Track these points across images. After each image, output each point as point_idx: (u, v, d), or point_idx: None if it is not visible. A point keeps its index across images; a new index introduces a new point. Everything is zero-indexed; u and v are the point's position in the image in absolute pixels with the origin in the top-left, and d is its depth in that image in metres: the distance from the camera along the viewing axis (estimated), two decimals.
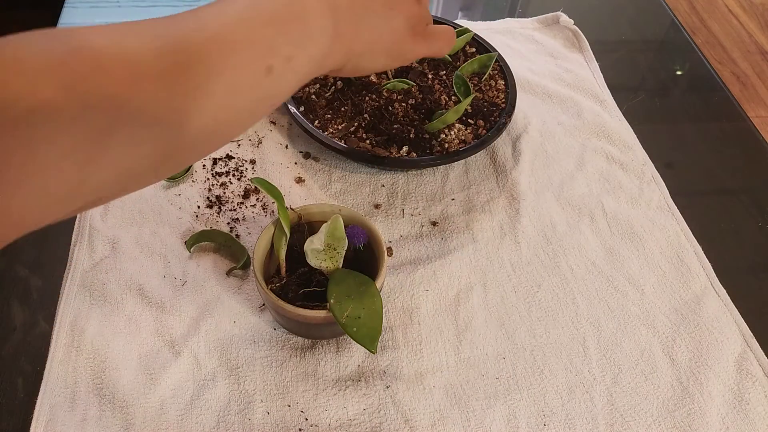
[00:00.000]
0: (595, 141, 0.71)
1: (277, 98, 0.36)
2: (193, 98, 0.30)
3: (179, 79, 0.30)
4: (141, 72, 0.28)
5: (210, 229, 0.58)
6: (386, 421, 0.48)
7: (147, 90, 0.29)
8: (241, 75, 0.32)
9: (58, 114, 0.26)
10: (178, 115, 0.30)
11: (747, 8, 2.10)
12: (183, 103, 0.30)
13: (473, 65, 0.69)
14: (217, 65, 0.31)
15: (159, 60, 0.29)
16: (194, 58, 0.30)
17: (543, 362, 0.53)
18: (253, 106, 0.35)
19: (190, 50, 0.30)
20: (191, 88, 0.30)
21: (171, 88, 0.29)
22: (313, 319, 0.47)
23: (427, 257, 0.59)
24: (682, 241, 0.62)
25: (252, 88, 0.34)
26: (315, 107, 0.65)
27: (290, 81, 0.36)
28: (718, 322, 0.56)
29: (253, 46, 0.33)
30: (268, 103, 0.36)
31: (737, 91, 1.78)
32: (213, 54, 0.31)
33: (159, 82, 0.29)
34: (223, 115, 0.33)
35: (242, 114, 0.34)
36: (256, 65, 0.33)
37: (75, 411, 0.47)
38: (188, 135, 0.31)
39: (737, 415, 0.50)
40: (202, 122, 0.31)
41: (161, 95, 0.29)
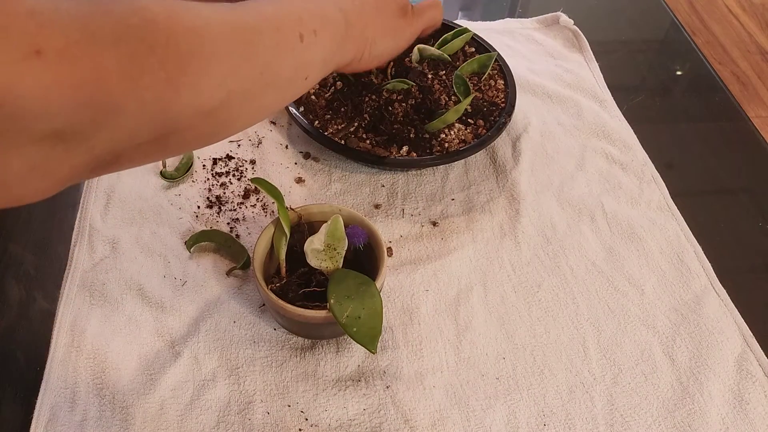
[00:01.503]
0: (595, 141, 0.71)
1: (310, 68, 0.40)
2: (251, 47, 0.35)
3: (239, 33, 0.34)
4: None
5: (210, 229, 0.58)
6: (386, 421, 0.48)
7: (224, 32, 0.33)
8: (280, 36, 0.37)
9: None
10: (241, 61, 0.34)
11: (747, 8, 2.10)
12: (245, 50, 0.34)
13: (473, 65, 0.69)
14: (260, 25, 0.36)
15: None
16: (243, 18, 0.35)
17: (543, 362, 0.53)
18: (291, 74, 0.39)
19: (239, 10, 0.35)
20: (248, 40, 0.34)
21: (235, 38, 0.33)
22: (313, 319, 0.47)
23: (427, 257, 0.59)
24: (682, 241, 0.62)
25: (291, 50, 0.38)
26: (315, 107, 0.65)
27: (318, 54, 0.41)
28: (718, 322, 0.56)
29: (288, 16, 0.38)
30: (302, 73, 0.40)
31: (737, 91, 1.78)
32: (257, 16, 0.36)
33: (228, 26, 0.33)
34: (269, 74, 0.36)
35: (282, 79, 0.38)
36: (290, 31, 0.38)
37: (75, 411, 0.47)
38: (249, 85, 0.35)
39: (737, 415, 0.50)
40: (255, 72, 0.35)
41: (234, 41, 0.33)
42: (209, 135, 0.35)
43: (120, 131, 0.28)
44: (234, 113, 0.35)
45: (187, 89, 0.30)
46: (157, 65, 0.28)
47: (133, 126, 0.28)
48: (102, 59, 0.26)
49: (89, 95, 0.25)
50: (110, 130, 0.27)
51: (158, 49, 0.28)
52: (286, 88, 0.40)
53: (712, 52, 1.89)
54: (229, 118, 0.35)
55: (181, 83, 0.29)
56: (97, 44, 0.26)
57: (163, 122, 0.30)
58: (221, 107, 0.33)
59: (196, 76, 0.30)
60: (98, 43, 0.26)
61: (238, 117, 0.36)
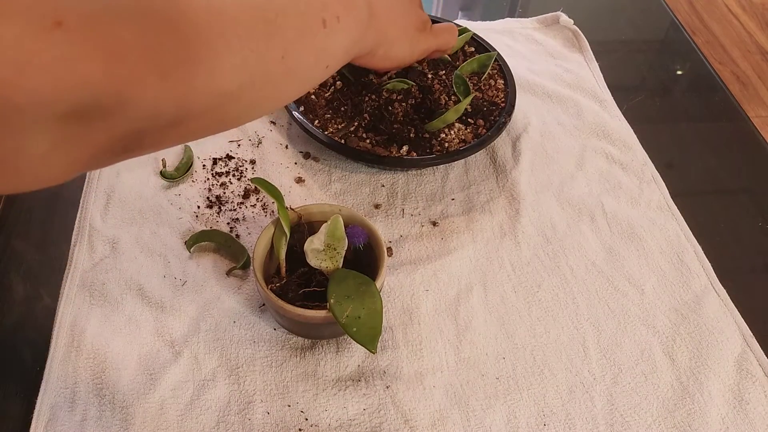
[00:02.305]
0: (595, 141, 0.71)
1: (331, 56, 0.40)
2: (273, 28, 0.34)
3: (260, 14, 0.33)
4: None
5: (210, 229, 0.58)
6: (386, 421, 0.48)
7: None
8: (303, 20, 0.36)
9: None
10: (265, 43, 0.33)
11: (747, 8, 2.10)
12: (268, 31, 0.34)
13: (472, 65, 0.69)
14: (285, 6, 0.35)
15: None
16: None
17: (543, 362, 0.53)
18: (312, 61, 0.38)
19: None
20: (271, 21, 0.34)
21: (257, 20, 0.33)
22: (313, 319, 0.47)
23: (427, 257, 0.59)
24: (682, 241, 0.62)
25: (313, 35, 0.37)
26: (315, 107, 0.65)
27: (340, 42, 0.41)
28: (718, 322, 0.56)
29: (311, 1, 0.37)
30: (323, 61, 0.40)
31: (737, 91, 1.77)
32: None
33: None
34: (291, 59, 0.36)
35: (303, 65, 0.37)
36: (314, 16, 0.38)
37: (75, 411, 0.47)
38: (271, 68, 0.34)
39: (737, 415, 0.50)
40: (277, 55, 0.35)
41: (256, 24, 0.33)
42: (231, 119, 0.34)
43: (140, 110, 0.27)
44: (255, 97, 0.34)
45: (208, 69, 0.29)
46: (179, 43, 0.28)
47: (154, 105, 0.28)
48: (124, 33, 0.25)
49: (110, 70, 0.25)
50: (131, 108, 0.27)
51: (180, 26, 0.28)
52: (307, 76, 0.39)
53: (712, 52, 1.89)
54: (250, 102, 0.34)
55: (202, 62, 0.29)
56: (119, 19, 0.25)
57: (185, 103, 0.29)
58: (243, 90, 0.32)
59: (217, 55, 0.30)
60: (120, 18, 0.25)
61: (258, 102, 0.35)
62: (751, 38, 1.94)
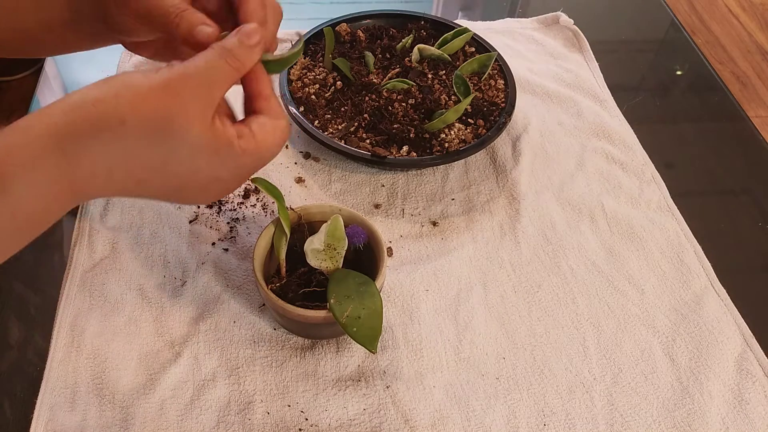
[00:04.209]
0: (595, 141, 0.71)
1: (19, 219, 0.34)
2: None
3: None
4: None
5: None
6: (386, 421, 0.48)
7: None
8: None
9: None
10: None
11: (747, 8, 2.09)
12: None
13: (473, 65, 0.69)
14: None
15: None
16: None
17: (543, 362, 0.52)
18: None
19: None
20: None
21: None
22: (313, 319, 0.47)
23: (427, 257, 0.59)
24: (682, 241, 0.62)
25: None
26: (315, 107, 0.65)
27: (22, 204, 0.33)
28: (718, 322, 0.56)
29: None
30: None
31: (737, 91, 1.77)
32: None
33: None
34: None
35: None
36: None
37: (75, 411, 0.47)
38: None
39: (737, 415, 0.50)
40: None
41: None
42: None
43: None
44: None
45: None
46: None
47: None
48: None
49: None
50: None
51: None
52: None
53: (712, 52, 1.89)
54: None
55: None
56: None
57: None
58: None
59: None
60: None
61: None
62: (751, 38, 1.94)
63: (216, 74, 0.37)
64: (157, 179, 0.36)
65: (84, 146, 0.34)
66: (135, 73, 0.36)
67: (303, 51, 0.72)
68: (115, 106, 0.34)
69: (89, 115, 0.34)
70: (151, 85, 0.35)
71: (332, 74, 0.69)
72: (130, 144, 0.34)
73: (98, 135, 0.34)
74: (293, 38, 0.78)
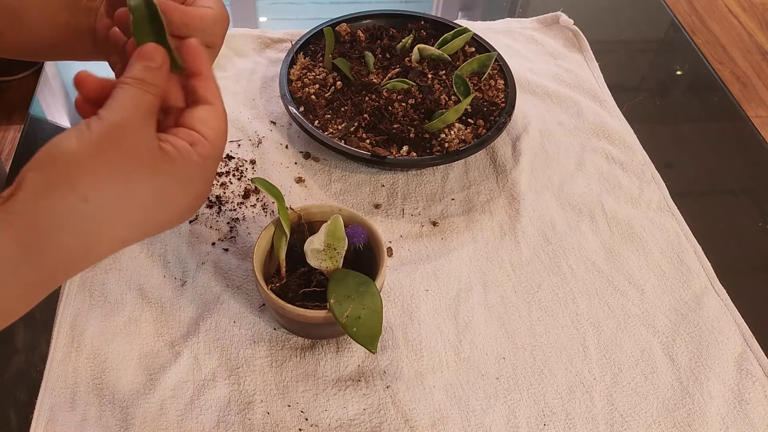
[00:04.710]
0: (595, 141, 0.71)
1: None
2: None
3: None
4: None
5: None
6: (386, 421, 0.48)
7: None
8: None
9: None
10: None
11: (747, 8, 2.10)
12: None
13: (473, 65, 0.69)
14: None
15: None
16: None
17: (543, 362, 0.52)
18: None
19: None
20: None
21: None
22: (313, 319, 0.47)
23: (427, 257, 0.59)
24: (682, 241, 0.62)
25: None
26: (315, 107, 0.65)
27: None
28: (718, 322, 0.56)
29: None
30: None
31: (737, 91, 1.77)
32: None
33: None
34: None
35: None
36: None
37: (75, 411, 0.47)
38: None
39: (737, 415, 0.50)
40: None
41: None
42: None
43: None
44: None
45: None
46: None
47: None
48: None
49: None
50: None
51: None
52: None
53: (712, 52, 1.89)
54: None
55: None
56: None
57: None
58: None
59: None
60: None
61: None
62: (751, 38, 1.95)
63: (141, 107, 0.35)
64: (139, 229, 0.36)
65: (49, 243, 0.32)
66: (66, 139, 0.33)
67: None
68: (72, 188, 0.32)
69: (49, 208, 0.32)
70: (91, 151, 0.33)
71: (332, 74, 0.69)
72: (100, 216, 0.33)
73: (64, 225, 0.32)
74: (293, 38, 0.78)
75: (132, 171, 0.34)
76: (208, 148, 0.37)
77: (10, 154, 1.51)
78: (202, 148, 0.37)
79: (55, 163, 0.33)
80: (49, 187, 0.32)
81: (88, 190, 0.33)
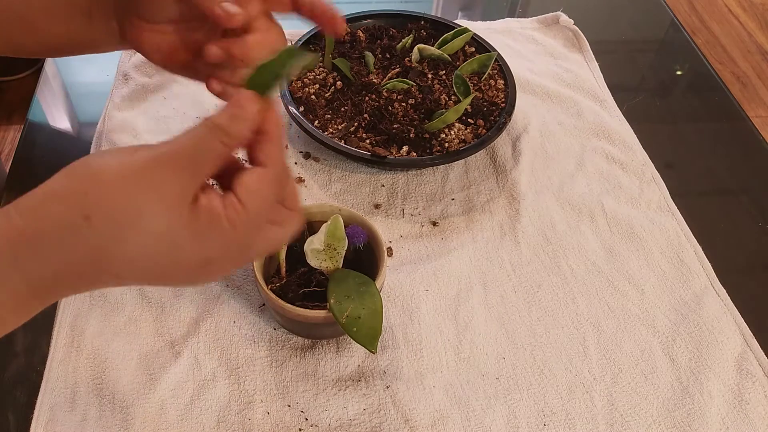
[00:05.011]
0: (595, 141, 0.71)
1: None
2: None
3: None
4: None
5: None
6: (386, 421, 0.48)
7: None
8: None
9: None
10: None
11: (747, 8, 2.10)
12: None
13: (473, 65, 0.69)
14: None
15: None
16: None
17: (543, 362, 0.52)
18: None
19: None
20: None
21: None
22: (313, 319, 0.47)
23: (427, 257, 0.59)
24: (682, 241, 0.62)
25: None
26: (315, 107, 0.65)
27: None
28: (718, 322, 0.56)
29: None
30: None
31: (737, 91, 1.77)
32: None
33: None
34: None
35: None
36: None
37: (75, 411, 0.47)
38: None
39: (737, 415, 0.50)
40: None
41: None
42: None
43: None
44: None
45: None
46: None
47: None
48: None
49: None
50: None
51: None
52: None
53: (712, 52, 1.89)
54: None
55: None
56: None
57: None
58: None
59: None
60: None
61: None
62: (751, 38, 1.95)
63: (204, 155, 0.33)
64: (137, 270, 0.33)
65: (42, 251, 0.31)
66: (108, 156, 0.32)
67: (293, 53, 0.39)
68: (81, 203, 0.31)
69: (51, 215, 0.31)
70: (123, 174, 0.31)
71: (332, 74, 0.69)
72: (96, 242, 0.31)
73: (60, 236, 0.31)
74: (293, 38, 0.78)
75: (145, 213, 0.31)
76: (240, 215, 0.33)
77: (10, 154, 1.51)
78: (233, 213, 0.33)
79: (76, 172, 0.31)
80: (62, 193, 0.31)
81: (94, 210, 0.31)
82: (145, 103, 0.70)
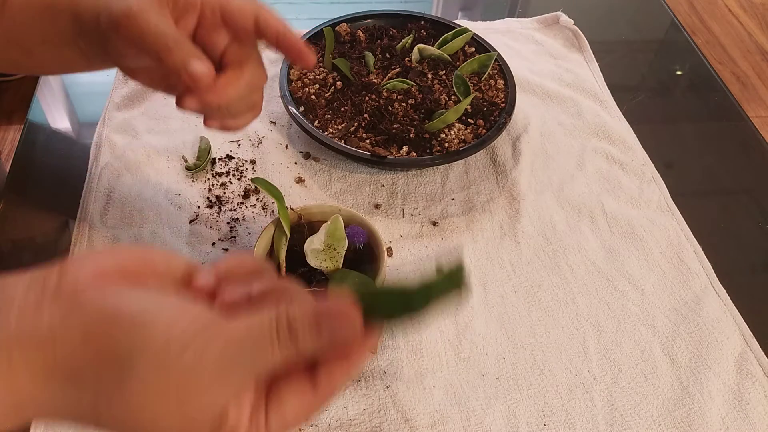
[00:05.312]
0: (595, 141, 0.71)
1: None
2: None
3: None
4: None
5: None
6: (386, 421, 0.48)
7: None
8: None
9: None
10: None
11: (747, 8, 2.10)
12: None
13: (473, 65, 0.69)
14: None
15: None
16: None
17: (543, 362, 0.53)
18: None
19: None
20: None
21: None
22: None
23: (427, 257, 0.59)
24: (682, 241, 0.62)
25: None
26: (315, 107, 0.65)
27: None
28: (718, 322, 0.56)
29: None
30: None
31: (737, 91, 1.77)
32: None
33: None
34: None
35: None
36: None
37: None
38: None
39: (737, 415, 0.50)
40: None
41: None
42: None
43: None
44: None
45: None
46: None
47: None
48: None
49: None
50: None
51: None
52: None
53: (712, 52, 1.89)
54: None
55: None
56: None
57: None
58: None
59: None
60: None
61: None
62: (751, 38, 1.95)
63: (255, 366, 0.27)
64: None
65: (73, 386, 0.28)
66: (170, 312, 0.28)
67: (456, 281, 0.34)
68: (123, 374, 0.27)
69: (90, 365, 0.28)
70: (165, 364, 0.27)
71: (332, 74, 0.69)
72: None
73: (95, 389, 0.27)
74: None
75: (162, 387, 0.27)
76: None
77: (10, 154, 1.51)
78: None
79: (121, 325, 0.28)
80: (102, 349, 0.28)
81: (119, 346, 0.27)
82: (145, 103, 0.70)
